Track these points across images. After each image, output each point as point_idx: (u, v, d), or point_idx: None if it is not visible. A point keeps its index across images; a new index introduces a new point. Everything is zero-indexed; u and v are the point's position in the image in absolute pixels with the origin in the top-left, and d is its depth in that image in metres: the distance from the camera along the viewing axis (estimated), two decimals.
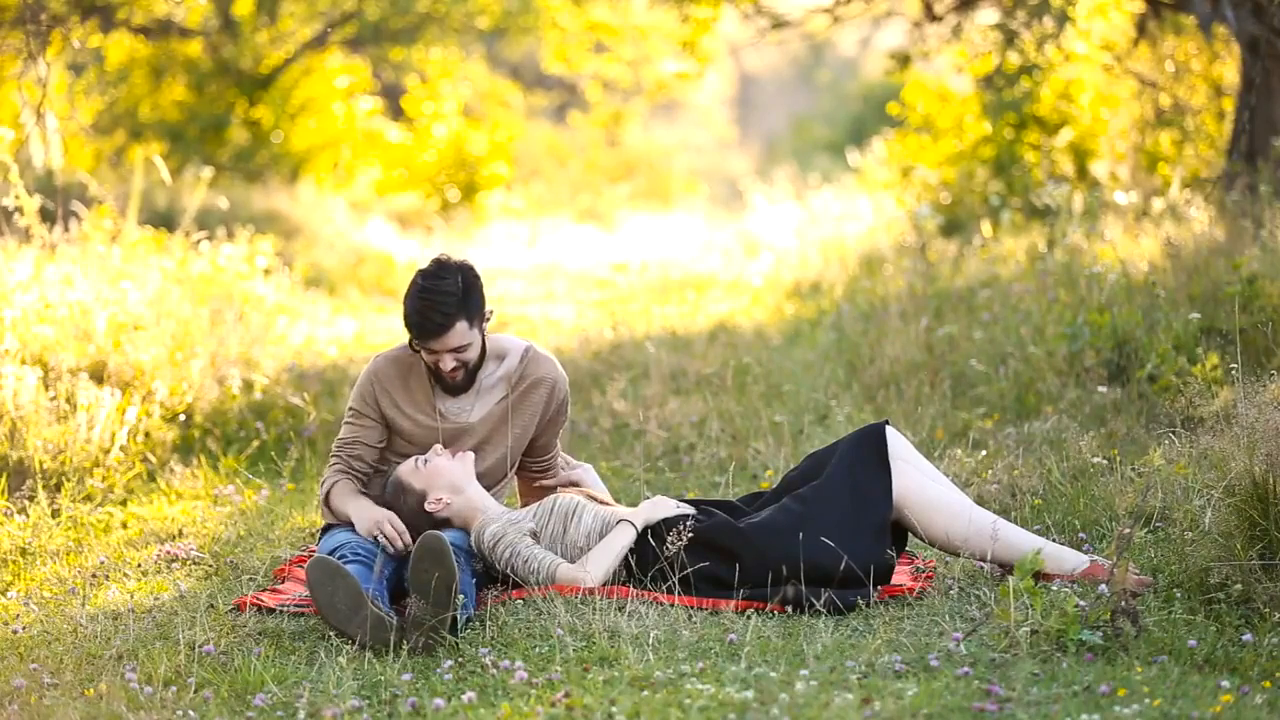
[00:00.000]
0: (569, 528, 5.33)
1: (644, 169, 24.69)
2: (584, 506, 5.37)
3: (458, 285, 5.42)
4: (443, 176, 19.49)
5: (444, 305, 5.40)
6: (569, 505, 5.37)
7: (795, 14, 14.07)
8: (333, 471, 5.62)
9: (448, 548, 4.84)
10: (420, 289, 5.43)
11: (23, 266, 8.22)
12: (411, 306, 5.44)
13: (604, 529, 5.32)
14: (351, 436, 5.61)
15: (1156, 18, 12.55)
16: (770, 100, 42.23)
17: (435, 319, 5.41)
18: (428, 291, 5.41)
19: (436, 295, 5.40)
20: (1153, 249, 9.14)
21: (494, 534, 5.31)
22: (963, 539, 5.26)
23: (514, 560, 5.26)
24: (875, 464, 5.31)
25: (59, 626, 5.13)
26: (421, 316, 5.41)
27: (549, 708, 4.33)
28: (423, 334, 5.44)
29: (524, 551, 5.27)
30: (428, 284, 5.42)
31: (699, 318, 10.69)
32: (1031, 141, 12.82)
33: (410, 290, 5.47)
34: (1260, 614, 4.82)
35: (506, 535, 5.29)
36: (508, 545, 5.28)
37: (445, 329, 5.41)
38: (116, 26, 17.38)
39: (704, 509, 5.40)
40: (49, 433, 6.94)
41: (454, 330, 5.42)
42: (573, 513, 5.35)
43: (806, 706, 4.24)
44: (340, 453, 5.63)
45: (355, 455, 5.61)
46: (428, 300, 5.40)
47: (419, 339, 5.47)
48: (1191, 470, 5.70)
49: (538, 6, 19.05)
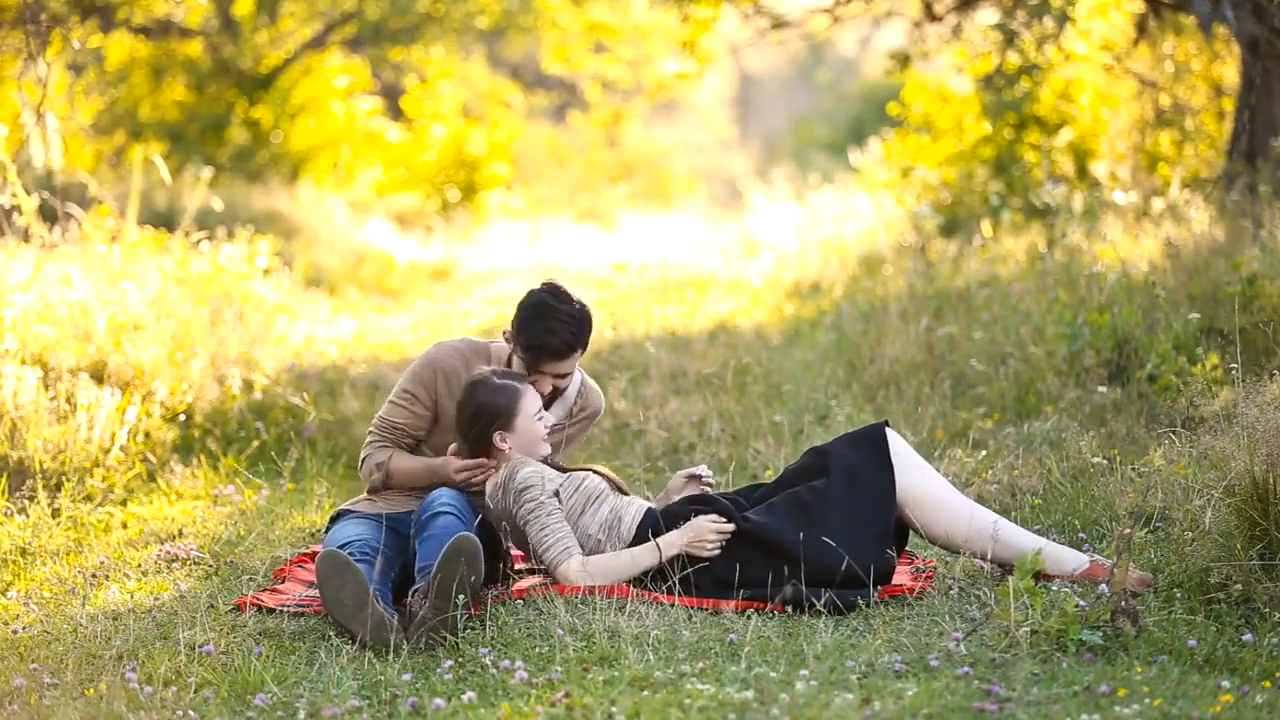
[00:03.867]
0: (586, 510, 5.33)
1: (644, 169, 24.70)
2: (606, 496, 5.36)
3: (579, 312, 5.48)
4: (442, 176, 19.50)
5: (571, 328, 5.45)
6: (594, 489, 5.36)
7: (795, 14, 14.06)
8: (376, 447, 5.58)
9: (480, 551, 4.87)
10: (555, 311, 5.44)
11: (22, 266, 8.22)
12: (545, 328, 5.44)
13: (615, 523, 5.31)
14: (401, 419, 5.58)
15: (1156, 18, 12.55)
16: (770, 100, 42.24)
17: (568, 341, 5.44)
18: (563, 316, 5.44)
19: (569, 320, 5.45)
20: (1153, 249, 9.14)
21: (525, 479, 5.26)
22: (964, 538, 5.26)
23: (533, 516, 5.23)
24: (877, 464, 5.30)
25: (59, 626, 5.13)
26: (557, 339, 5.43)
27: (549, 708, 4.33)
28: (555, 356, 5.45)
29: (546, 519, 5.24)
30: (562, 308, 5.45)
31: (699, 318, 10.69)
32: (1031, 141, 12.81)
33: (537, 310, 5.46)
34: (1260, 614, 4.82)
35: (538, 488, 5.26)
36: (535, 500, 5.25)
37: (571, 353, 5.48)
38: (116, 26, 17.39)
39: (705, 504, 5.41)
40: (49, 433, 6.94)
41: (573, 357, 5.50)
42: (595, 498, 5.35)
43: (806, 706, 4.24)
44: (384, 433, 5.60)
45: (399, 437, 5.59)
46: (564, 324, 5.44)
47: (547, 359, 5.46)
48: (1191, 470, 5.70)
49: (538, 6, 19.06)
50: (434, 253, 16.26)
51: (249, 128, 18.17)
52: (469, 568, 4.83)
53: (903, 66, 13.83)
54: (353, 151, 19.18)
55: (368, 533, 5.40)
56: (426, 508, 5.25)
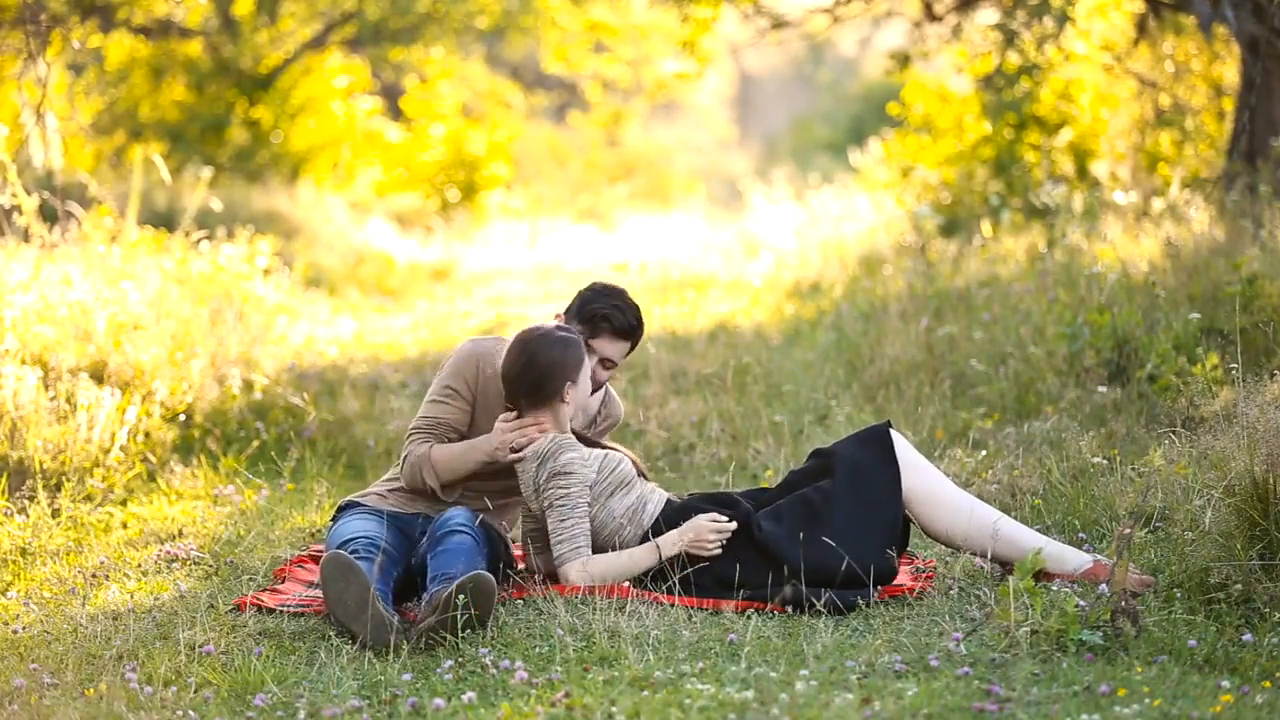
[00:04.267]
0: (615, 494, 5.33)
1: (644, 169, 24.71)
2: (635, 483, 5.37)
3: (641, 316, 5.64)
4: (442, 176, 19.51)
5: (636, 315, 5.62)
6: (625, 475, 5.36)
7: (795, 14, 14.06)
8: (417, 443, 5.55)
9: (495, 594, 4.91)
10: (622, 295, 5.60)
11: (22, 266, 8.22)
12: (612, 305, 5.57)
13: (639, 509, 5.32)
14: (444, 414, 5.56)
15: (1156, 18, 12.55)
16: (770, 100, 42.25)
17: (631, 323, 5.58)
18: (629, 302, 5.60)
19: (634, 308, 5.61)
20: (1153, 249, 9.14)
21: (568, 464, 5.27)
22: (964, 536, 5.26)
23: (559, 504, 5.23)
24: (882, 462, 5.31)
25: (59, 626, 5.13)
26: (623, 316, 5.56)
27: (549, 708, 4.32)
28: (615, 333, 5.56)
29: (570, 513, 5.24)
30: (628, 297, 5.61)
31: (699, 318, 10.69)
32: (1031, 141, 12.81)
33: (605, 289, 5.62)
34: (1260, 614, 4.82)
35: (576, 478, 5.26)
36: (566, 490, 5.25)
37: (630, 336, 5.61)
38: (116, 26, 17.39)
39: (708, 501, 5.41)
40: (49, 433, 6.94)
41: (628, 344, 5.63)
42: (625, 484, 5.35)
43: (806, 706, 4.24)
44: (428, 430, 5.56)
45: (443, 432, 5.57)
46: (631, 307, 5.60)
47: (606, 333, 5.56)
48: (1191, 470, 5.69)
49: (538, 6, 19.06)
50: (434, 253, 16.27)
51: (249, 128, 18.17)
52: (479, 605, 4.85)
53: (903, 66, 13.83)
54: (353, 151, 19.19)
55: (373, 529, 5.40)
56: (441, 525, 5.27)
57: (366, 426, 8.01)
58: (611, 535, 5.33)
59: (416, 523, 5.53)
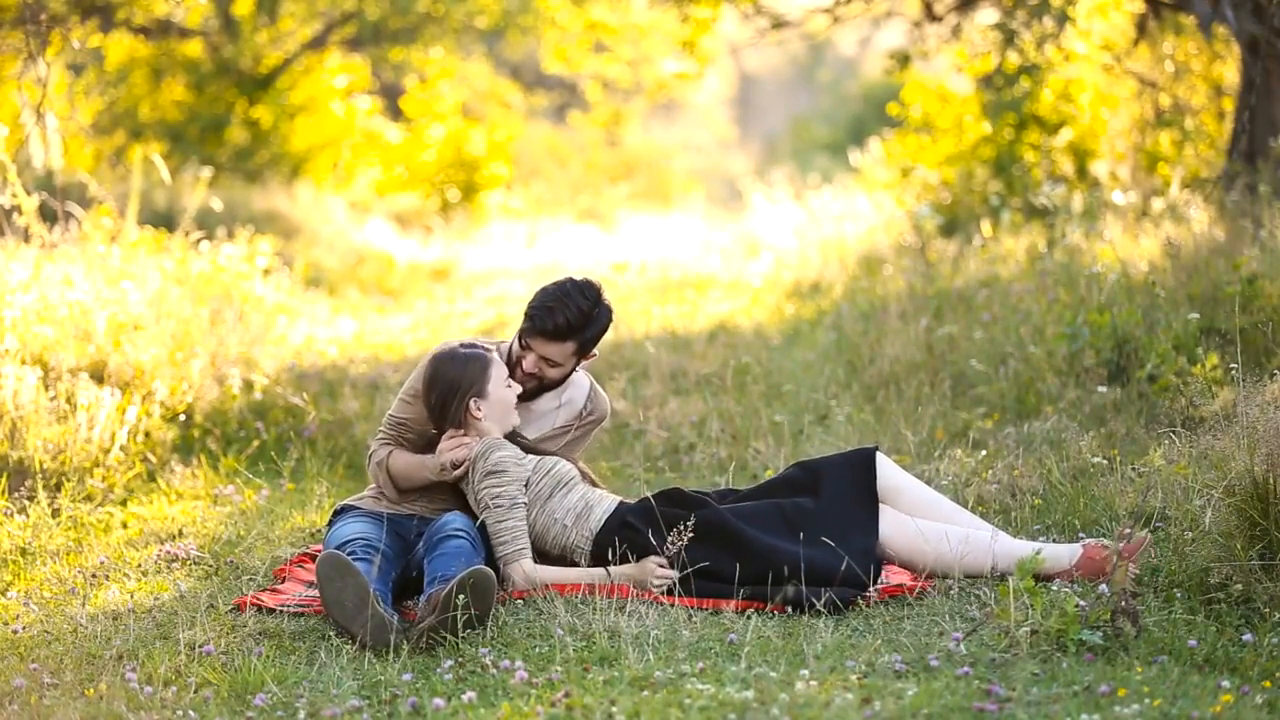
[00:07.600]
0: (555, 495, 5.36)
1: (644, 169, 24.70)
2: (576, 482, 5.40)
3: (592, 311, 5.53)
4: (442, 176, 19.50)
5: (570, 316, 5.50)
6: (564, 474, 5.39)
7: (795, 14, 14.06)
8: (380, 444, 5.67)
9: (494, 589, 4.91)
10: (567, 296, 5.51)
11: (22, 266, 8.22)
12: (547, 305, 5.51)
13: (585, 512, 5.32)
14: (405, 414, 5.66)
15: (1156, 18, 12.55)
16: (770, 100, 42.25)
17: (560, 326, 5.51)
18: (567, 296, 5.51)
19: (570, 302, 5.50)
20: (1153, 249, 9.14)
21: (498, 463, 5.29)
22: (956, 565, 5.27)
23: (494, 504, 5.25)
24: (866, 499, 5.34)
25: (59, 626, 5.13)
26: (551, 319, 5.50)
27: (549, 708, 4.33)
28: (541, 334, 5.52)
29: (507, 513, 5.25)
30: (572, 291, 5.51)
31: (699, 318, 10.69)
32: (1031, 141, 12.81)
33: (555, 289, 5.55)
34: (1260, 614, 4.82)
35: (508, 476, 5.27)
36: (499, 488, 5.27)
37: (559, 340, 5.52)
38: (116, 26, 17.38)
39: (698, 499, 5.42)
40: (49, 433, 6.94)
41: (562, 345, 5.53)
42: (564, 483, 5.38)
43: (806, 706, 4.24)
44: (389, 429, 5.67)
45: (402, 433, 5.65)
46: (563, 303, 5.50)
47: (534, 333, 5.53)
48: (1191, 470, 5.70)
49: (538, 6, 19.05)
50: (434, 253, 16.26)
51: (249, 128, 18.17)
52: (480, 602, 4.85)
53: (903, 66, 13.83)
54: (352, 151, 19.18)
55: (370, 530, 5.41)
56: (439, 529, 5.29)
57: (366, 426, 8.00)
58: (557, 539, 5.34)
59: (411, 524, 5.54)
